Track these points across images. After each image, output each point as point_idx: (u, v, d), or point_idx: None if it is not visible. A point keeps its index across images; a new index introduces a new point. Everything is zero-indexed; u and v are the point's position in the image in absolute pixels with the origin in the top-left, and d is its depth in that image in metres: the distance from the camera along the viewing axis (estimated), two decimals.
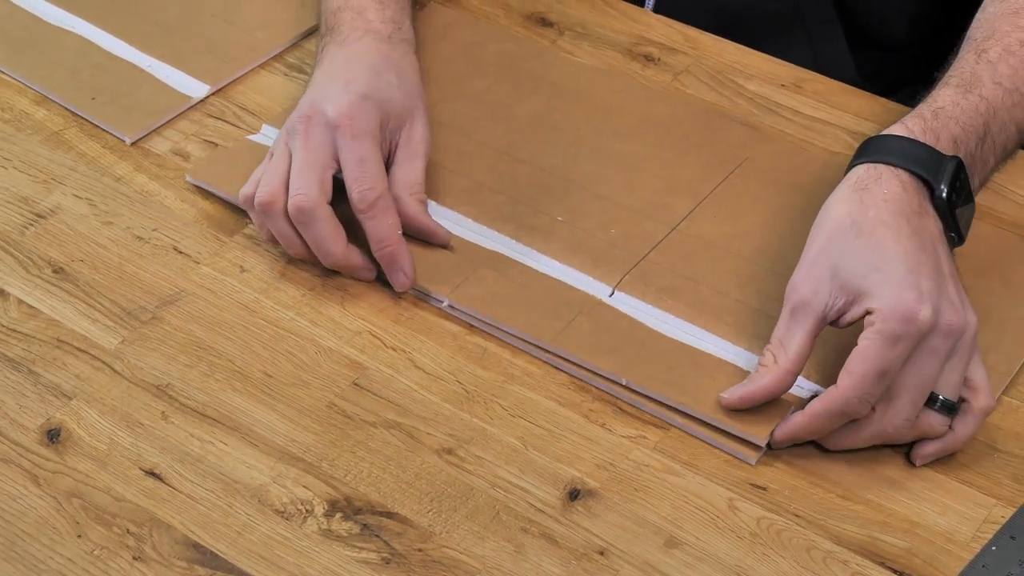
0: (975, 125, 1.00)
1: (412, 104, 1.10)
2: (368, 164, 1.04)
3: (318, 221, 1.03)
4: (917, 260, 0.92)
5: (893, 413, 0.92)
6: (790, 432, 0.94)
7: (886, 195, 0.95)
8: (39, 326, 1.02)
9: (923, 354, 0.91)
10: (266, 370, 1.00)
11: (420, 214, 1.06)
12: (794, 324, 0.94)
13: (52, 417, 0.97)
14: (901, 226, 0.93)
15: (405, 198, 1.06)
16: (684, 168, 1.12)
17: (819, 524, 0.91)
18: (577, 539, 0.90)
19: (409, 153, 1.09)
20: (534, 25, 1.26)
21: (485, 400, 0.98)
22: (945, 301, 0.91)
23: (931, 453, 0.94)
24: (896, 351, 0.90)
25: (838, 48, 1.30)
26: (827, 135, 1.16)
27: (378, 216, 1.04)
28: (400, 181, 1.08)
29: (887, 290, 0.91)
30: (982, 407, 0.93)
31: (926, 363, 0.91)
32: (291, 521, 0.91)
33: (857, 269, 0.92)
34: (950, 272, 0.94)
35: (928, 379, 0.91)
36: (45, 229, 1.09)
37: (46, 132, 1.17)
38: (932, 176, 0.96)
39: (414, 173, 1.08)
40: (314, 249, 1.04)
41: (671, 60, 1.23)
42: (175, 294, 1.05)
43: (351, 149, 1.04)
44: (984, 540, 0.90)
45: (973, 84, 1.02)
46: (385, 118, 1.08)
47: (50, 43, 1.24)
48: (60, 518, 0.91)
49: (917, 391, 0.91)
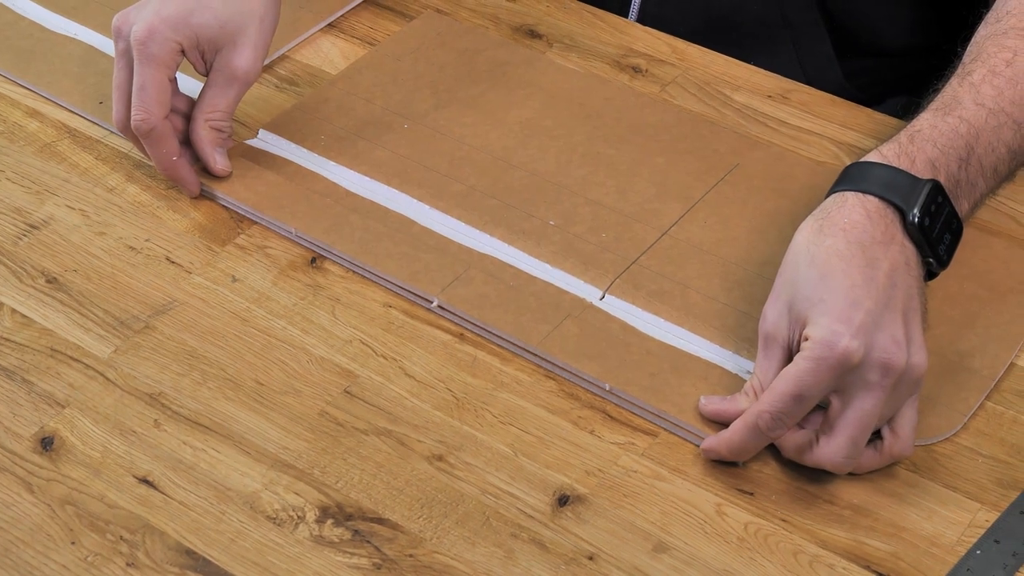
0: (955, 147, 0.98)
1: (236, 29, 1.11)
2: (147, 91, 1.08)
3: (132, 139, 1.11)
4: (861, 293, 0.91)
5: (833, 450, 0.91)
6: (714, 443, 0.94)
7: (846, 224, 0.94)
8: (33, 335, 1.03)
9: (859, 388, 0.90)
10: (258, 378, 1.00)
11: (203, 141, 1.12)
12: (765, 358, 0.94)
13: (46, 425, 0.97)
14: (855, 256, 0.92)
15: (199, 123, 1.12)
16: (675, 174, 1.14)
17: (805, 528, 0.92)
18: (566, 544, 0.91)
19: (220, 78, 1.12)
20: (523, 37, 1.27)
21: (475, 407, 0.99)
22: (883, 335, 0.90)
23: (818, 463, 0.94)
24: (815, 377, 0.89)
25: (824, 55, 1.30)
26: (813, 145, 1.17)
27: (153, 144, 1.09)
28: (202, 104, 1.12)
29: (824, 320, 0.90)
30: (895, 453, 0.93)
31: (864, 399, 0.90)
32: (283, 527, 0.92)
33: (806, 300, 0.92)
34: (904, 307, 0.92)
35: (867, 416, 0.90)
36: (38, 240, 1.10)
37: (39, 143, 1.18)
38: (903, 201, 0.94)
39: (217, 99, 1.12)
40: None
41: (658, 71, 1.24)
42: (167, 304, 1.05)
43: (137, 74, 1.09)
44: (969, 544, 0.91)
45: (952, 106, 1.00)
46: (191, 43, 1.10)
47: (55, 51, 1.25)
48: (54, 525, 0.92)
49: (855, 427, 0.91)
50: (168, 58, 1.09)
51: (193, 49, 1.11)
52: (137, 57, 1.08)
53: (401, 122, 1.18)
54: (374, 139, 1.17)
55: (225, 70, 1.11)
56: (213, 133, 1.12)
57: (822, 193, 1.03)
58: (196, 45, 1.11)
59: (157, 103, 1.08)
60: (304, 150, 1.16)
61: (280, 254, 1.09)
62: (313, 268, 1.08)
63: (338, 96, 1.21)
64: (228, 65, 1.11)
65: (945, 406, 0.98)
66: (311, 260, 1.08)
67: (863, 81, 1.32)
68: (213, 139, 1.12)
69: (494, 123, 1.18)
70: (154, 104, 1.08)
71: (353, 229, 1.09)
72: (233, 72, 1.11)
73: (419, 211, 1.11)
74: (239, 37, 1.11)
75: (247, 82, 1.12)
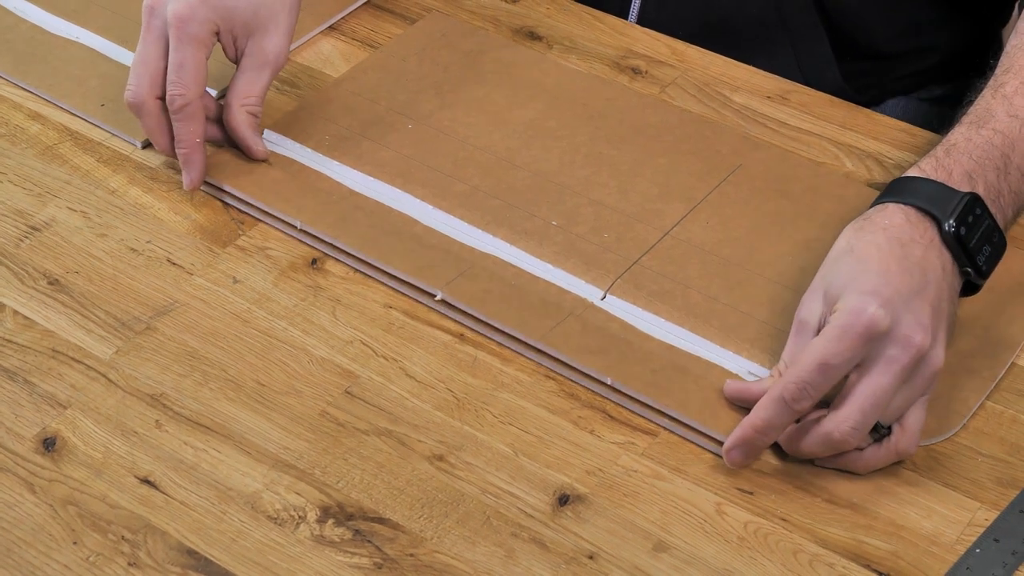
0: (991, 158, 1.00)
1: (268, 15, 1.14)
2: (185, 70, 1.10)
3: (145, 115, 1.11)
4: (895, 277, 0.92)
5: (841, 418, 0.91)
6: (738, 433, 0.94)
7: (886, 225, 0.95)
8: (34, 337, 1.03)
9: (879, 363, 0.91)
10: (259, 379, 1.01)
11: (242, 126, 1.13)
12: (795, 343, 0.95)
13: (48, 426, 0.98)
14: (893, 249, 0.94)
15: (235, 108, 1.13)
16: (677, 174, 1.14)
17: (805, 527, 0.92)
18: (567, 544, 0.91)
19: (253, 63, 1.14)
20: (523, 39, 1.28)
21: (475, 407, 0.99)
22: (910, 315, 0.91)
23: (833, 465, 0.94)
24: (841, 346, 0.90)
25: (823, 57, 1.31)
26: (813, 146, 1.17)
27: (183, 121, 1.10)
28: (236, 90, 1.14)
29: (854, 293, 0.92)
30: (900, 448, 0.93)
31: (881, 374, 0.91)
32: (284, 527, 0.92)
33: (840, 283, 0.93)
34: (935, 302, 0.93)
35: (881, 390, 0.91)
36: (40, 241, 1.10)
37: (41, 146, 1.18)
38: (939, 211, 0.95)
39: (252, 84, 1.14)
40: (149, 138, 1.13)
41: (658, 73, 1.24)
42: (169, 305, 1.06)
43: (176, 51, 1.10)
44: (968, 543, 0.91)
45: (986, 119, 1.02)
46: (227, 25, 1.12)
47: (56, 54, 1.26)
48: (56, 525, 0.92)
49: (868, 400, 0.91)
50: (206, 38, 1.11)
51: (228, 32, 1.12)
52: (176, 35, 1.09)
53: (405, 122, 1.19)
54: (378, 139, 1.17)
55: (258, 55, 1.14)
56: (250, 118, 1.14)
57: (823, 195, 1.04)
58: (231, 28, 1.12)
59: (195, 81, 1.10)
60: (308, 150, 1.17)
61: (281, 255, 1.09)
62: (314, 269, 1.08)
63: (342, 96, 1.22)
64: (260, 51, 1.14)
65: (945, 406, 0.98)
66: (312, 261, 1.08)
67: (861, 83, 1.33)
68: (251, 123, 1.14)
69: (498, 123, 1.18)
70: (192, 82, 1.10)
71: (357, 225, 1.09)
72: (265, 57, 1.14)
73: (422, 211, 1.11)
74: (270, 23, 1.13)
75: (278, 67, 1.15)
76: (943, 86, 1.39)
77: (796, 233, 1.09)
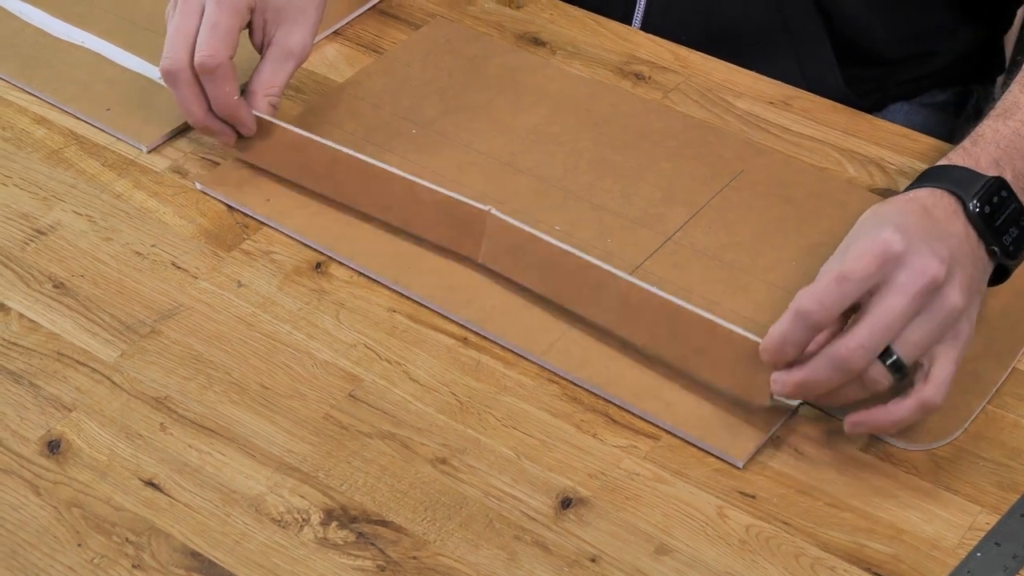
0: (1017, 147, 1.01)
1: (299, 7, 1.16)
2: (218, 31, 1.10)
3: (182, 84, 1.11)
4: (913, 220, 0.94)
5: (850, 336, 0.91)
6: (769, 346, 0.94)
7: (912, 196, 0.97)
8: (40, 340, 1.04)
9: (891, 286, 0.91)
10: (263, 382, 1.01)
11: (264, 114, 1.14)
12: None
13: (52, 429, 0.98)
14: (915, 209, 0.96)
15: (258, 96, 1.14)
16: (680, 179, 1.14)
17: (807, 531, 0.92)
18: (569, 547, 0.92)
19: (279, 53, 1.15)
20: (527, 45, 1.28)
21: (478, 411, 0.99)
22: (926, 247, 0.92)
23: (859, 422, 0.94)
24: (858, 263, 0.91)
25: (826, 62, 1.31)
26: (815, 152, 1.18)
27: (215, 82, 1.10)
28: (260, 78, 1.15)
29: (873, 229, 0.94)
30: (924, 397, 0.93)
31: (893, 297, 0.91)
32: (288, 530, 0.92)
33: (861, 235, 0.95)
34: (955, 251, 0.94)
35: (890, 311, 0.91)
36: (45, 245, 1.11)
37: (46, 150, 1.19)
38: (963, 191, 0.97)
39: (276, 74, 1.15)
40: (180, 110, 1.12)
41: (661, 78, 1.24)
42: (173, 308, 1.06)
43: (211, 13, 1.10)
44: (970, 547, 0.91)
45: (1012, 111, 1.04)
46: (262, 6, 1.14)
47: (61, 58, 1.26)
48: (60, 527, 0.93)
49: (876, 319, 0.91)
50: (243, 8, 1.12)
51: (260, 14, 1.14)
52: (215, 2, 1.10)
53: (409, 127, 1.19)
54: (382, 144, 1.17)
55: (284, 46, 1.15)
56: (271, 108, 1.15)
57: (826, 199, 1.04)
58: (264, 11, 1.14)
59: (226, 43, 1.10)
60: None
61: (285, 259, 1.09)
62: (318, 273, 1.08)
63: (347, 101, 1.22)
64: (287, 42, 1.15)
65: (947, 411, 0.98)
66: (316, 265, 1.09)
67: (864, 88, 1.33)
68: (271, 113, 1.15)
69: (501, 129, 1.19)
70: (223, 43, 1.10)
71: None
72: (291, 49, 1.15)
73: None
74: (300, 15, 1.15)
75: (301, 61, 1.16)
76: (945, 91, 1.40)
77: (799, 238, 1.09)
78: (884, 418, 0.93)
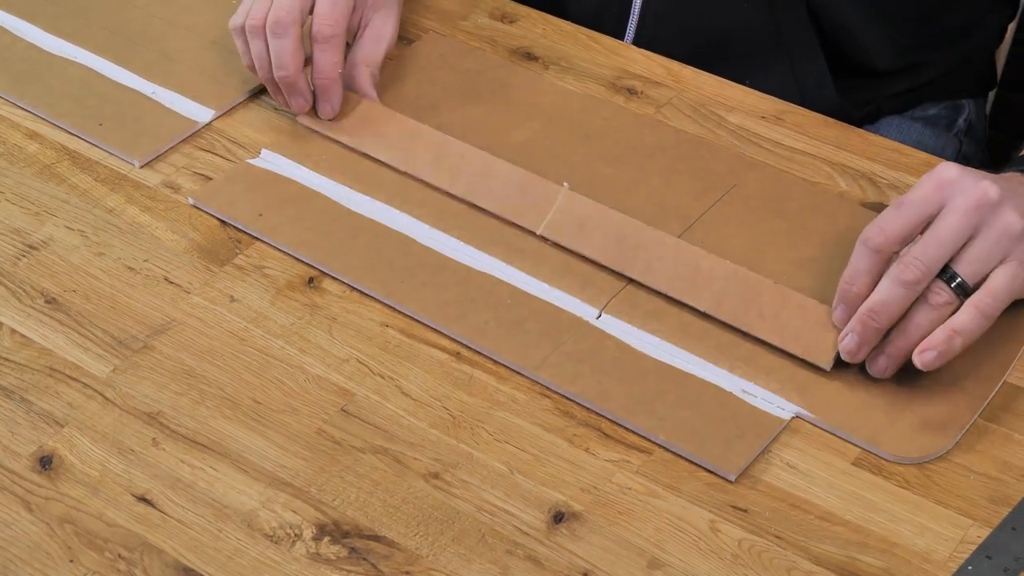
0: None
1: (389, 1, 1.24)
2: (337, 7, 1.17)
3: (286, 37, 1.15)
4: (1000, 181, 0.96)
5: (906, 251, 0.95)
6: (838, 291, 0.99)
7: (1002, 175, 1.00)
8: (32, 355, 1.04)
9: (947, 209, 0.95)
10: (255, 397, 1.01)
11: (367, 83, 1.21)
12: None
13: (44, 444, 0.98)
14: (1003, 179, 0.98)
15: (361, 68, 1.22)
16: (672, 194, 1.14)
17: (799, 545, 0.92)
18: (562, 561, 0.92)
19: (375, 35, 1.23)
20: (520, 59, 1.28)
21: (471, 425, 0.99)
22: (987, 180, 0.95)
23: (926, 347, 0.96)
24: (918, 191, 0.96)
25: (820, 73, 1.32)
26: (808, 166, 1.18)
27: (327, 51, 1.17)
28: (361, 53, 1.22)
29: None
30: (982, 307, 0.95)
31: (947, 216, 0.95)
32: (280, 545, 0.92)
33: None
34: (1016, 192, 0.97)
35: (945, 227, 0.95)
36: (38, 260, 1.11)
37: (39, 165, 1.19)
38: None
39: (375, 52, 1.23)
40: (274, 61, 1.16)
41: (653, 93, 1.25)
42: (166, 323, 1.06)
43: None
44: (961, 560, 0.91)
45: None
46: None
47: (54, 73, 1.26)
48: (53, 543, 0.92)
49: (931, 234, 0.95)
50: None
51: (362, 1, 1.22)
52: None
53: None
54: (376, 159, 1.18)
55: (378, 29, 1.23)
56: (373, 77, 1.22)
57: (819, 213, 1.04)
58: None
59: (344, 18, 1.18)
60: (306, 169, 1.17)
61: (278, 274, 1.10)
62: (311, 288, 1.08)
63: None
64: (380, 27, 1.23)
65: (938, 424, 0.98)
66: (308, 280, 1.09)
67: (858, 99, 1.33)
68: (373, 82, 1.22)
69: (494, 143, 1.19)
70: (341, 18, 1.17)
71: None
72: (383, 32, 1.23)
73: (419, 230, 1.12)
74: (389, 9, 1.23)
75: (390, 47, 1.24)
76: (937, 105, 1.40)
77: (791, 252, 1.09)
78: (942, 333, 0.96)
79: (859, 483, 0.95)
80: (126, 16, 1.32)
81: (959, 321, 0.96)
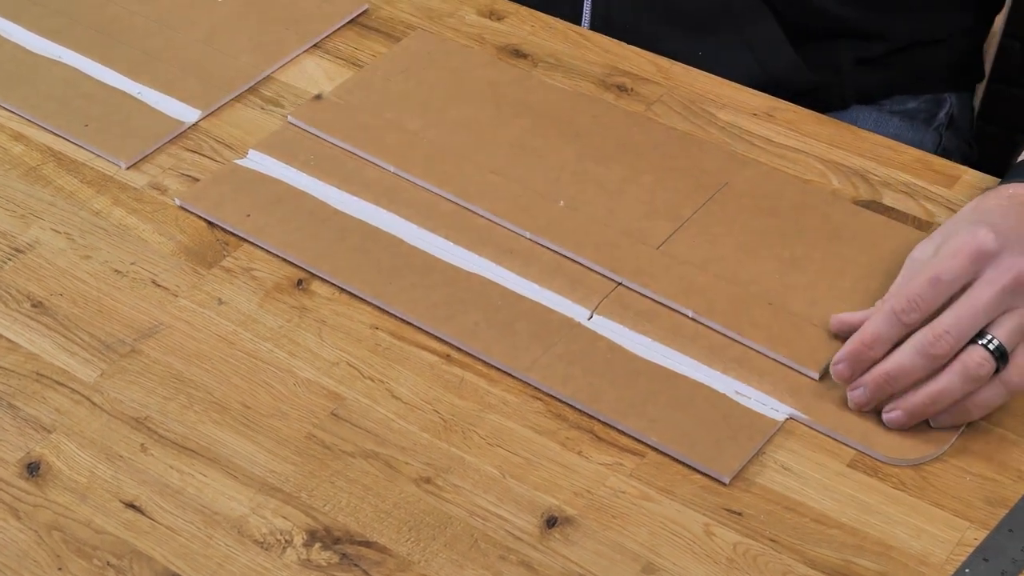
0: None
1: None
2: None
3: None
4: (1013, 219, 0.96)
5: (936, 322, 0.94)
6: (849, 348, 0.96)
7: (1010, 192, 0.99)
8: (18, 360, 1.03)
9: (980, 281, 0.94)
10: (245, 401, 1.00)
11: None
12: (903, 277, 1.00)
13: (32, 451, 0.97)
14: (1015, 206, 0.97)
15: None
16: (663, 192, 1.14)
17: (794, 548, 0.92)
18: (555, 566, 0.91)
19: None
20: (508, 57, 1.27)
21: (462, 429, 0.98)
22: (1020, 247, 0.94)
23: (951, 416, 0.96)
24: (953, 263, 0.94)
25: (773, 37, 1.30)
26: (799, 163, 1.17)
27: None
28: None
29: (969, 225, 0.96)
30: (1008, 380, 0.94)
31: (980, 288, 0.94)
32: (271, 551, 0.92)
33: (957, 226, 0.98)
34: None
35: (978, 301, 0.93)
36: (23, 263, 1.10)
37: (24, 167, 1.18)
38: None
39: None
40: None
41: (644, 90, 1.24)
42: (153, 327, 1.05)
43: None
44: (958, 562, 0.91)
45: None
46: None
47: (39, 74, 1.25)
48: (41, 551, 0.92)
49: (963, 308, 0.93)
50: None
51: None
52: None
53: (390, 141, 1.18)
54: (363, 158, 1.17)
55: None
56: None
57: (811, 211, 1.03)
58: None
59: None
60: (293, 170, 1.16)
61: (266, 276, 1.09)
62: (299, 290, 1.07)
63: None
64: None
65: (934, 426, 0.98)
66: (297, 282, 1.08)
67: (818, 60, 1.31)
68: None
69: (483, 141, 1.18)
70: None
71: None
72: None
73: (408, 231, 1.11)
74: None
75: None
76: (916, 99, 1.38)
77: (783, 250, 1.09)
78: (969, 408, 0.95)
79: (854, 485, 0.95)
80: (111, 15, 1.31)
81: (987, 396, 0.95)
